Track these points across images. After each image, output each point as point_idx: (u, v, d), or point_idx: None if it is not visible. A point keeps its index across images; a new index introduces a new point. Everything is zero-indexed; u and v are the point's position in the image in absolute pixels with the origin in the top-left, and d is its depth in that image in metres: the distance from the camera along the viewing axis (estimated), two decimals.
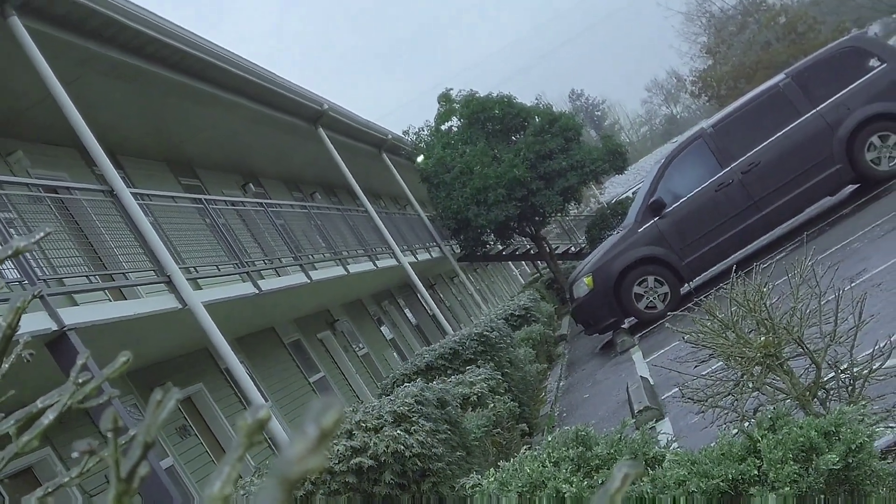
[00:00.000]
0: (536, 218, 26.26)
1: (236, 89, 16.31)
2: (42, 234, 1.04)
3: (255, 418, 0.67)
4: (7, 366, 1.27)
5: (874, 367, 4.68)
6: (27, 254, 9.00)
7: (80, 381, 1.21)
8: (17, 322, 1.06)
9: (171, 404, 0.80)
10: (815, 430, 3.88)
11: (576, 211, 38.83)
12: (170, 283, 11.15)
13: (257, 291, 13.45)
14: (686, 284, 15.97)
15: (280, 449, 10.79)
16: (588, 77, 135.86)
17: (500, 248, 30.21)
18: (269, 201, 17.67)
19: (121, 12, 11.93)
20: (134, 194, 11.55)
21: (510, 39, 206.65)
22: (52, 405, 1.16)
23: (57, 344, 8.63)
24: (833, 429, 3.93)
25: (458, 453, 7.30)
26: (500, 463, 4.70)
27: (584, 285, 16.15)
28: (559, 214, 27.80)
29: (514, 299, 21.74)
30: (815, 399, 4.76)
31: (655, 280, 15.66)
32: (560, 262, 32.33)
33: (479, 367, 10.85)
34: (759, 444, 3.85)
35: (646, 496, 3.85)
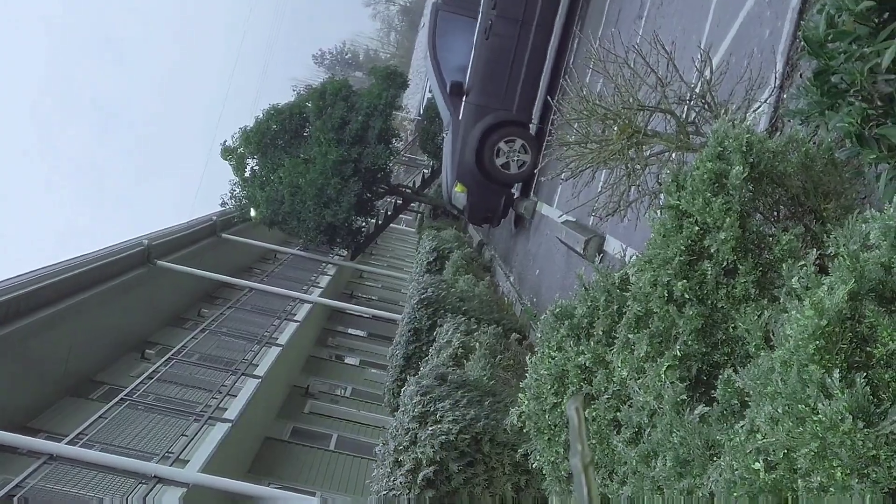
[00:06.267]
0: (378, 176, 26.35)
1: (67, 294, 16.18)
2: None
3: None
4: None
5: (709, 78, 5.03)
6: None
7: None
8: None
9: None
10: (709, 161, 4.15)
11: (402, 143, 39.03)
12: (161, 480, 11.24)
13: (231, 424, 13.59)
14: (531, 126, 16.36)
15: None
16: (317, 34, 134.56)
17: (374, 221, 30.28)
18: (172, 351, 17.60)
19: None
20: (69, 442, 11.63)
21: (233, 54, 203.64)
22: None
23: None
24: (720, 148, 4.23)
25: (487, 402, 7.57)
26: (521, 384, 4.93)
27: (459, 194, 16.45)
28: (392, 158, 27.93)
29: (420, 249, 22.01)
30: (691, 137, 5.10)
31: (506, 143, 16.00)
32: (426, 190, 32.64)
33: (441, 326, 11.10)
34: (680, 206, 4.12)
35: (639, 314, 4.12)
